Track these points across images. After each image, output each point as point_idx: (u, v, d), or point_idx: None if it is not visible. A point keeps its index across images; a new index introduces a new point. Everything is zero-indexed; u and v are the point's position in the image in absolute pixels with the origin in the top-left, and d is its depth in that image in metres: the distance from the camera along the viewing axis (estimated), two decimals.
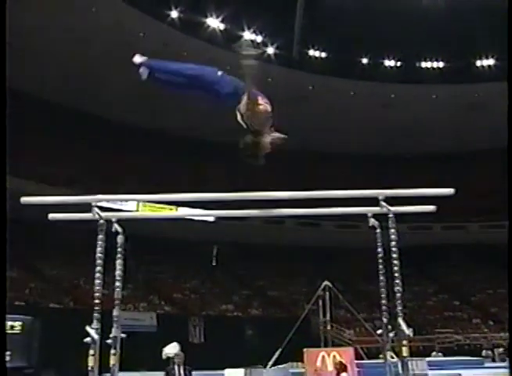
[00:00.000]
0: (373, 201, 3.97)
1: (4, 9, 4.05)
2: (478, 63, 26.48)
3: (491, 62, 26.31)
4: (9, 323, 14.36)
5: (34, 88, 23.02)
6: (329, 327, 15.60)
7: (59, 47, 21.92)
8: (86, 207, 3.96)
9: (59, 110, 23.90)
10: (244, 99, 3.42)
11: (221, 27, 23.60)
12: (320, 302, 14.90)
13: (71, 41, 21.62)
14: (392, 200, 3.92)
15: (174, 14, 22.55)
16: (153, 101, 25.01)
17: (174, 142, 26.66)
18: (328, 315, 15.02)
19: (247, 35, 24.20)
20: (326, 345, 14.37)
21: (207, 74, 3.68)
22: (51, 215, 4.12)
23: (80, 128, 24.12)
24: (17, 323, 14.55)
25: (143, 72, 3.87)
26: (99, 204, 3.92)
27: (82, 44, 21.91)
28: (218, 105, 3.64)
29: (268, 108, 3.47)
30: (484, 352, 18.77)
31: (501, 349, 18.98)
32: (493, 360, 17.97)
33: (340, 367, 9.64)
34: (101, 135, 24.67)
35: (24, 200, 3.83)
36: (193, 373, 8.58)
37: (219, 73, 3.67)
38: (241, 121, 3.51)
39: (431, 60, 27.00)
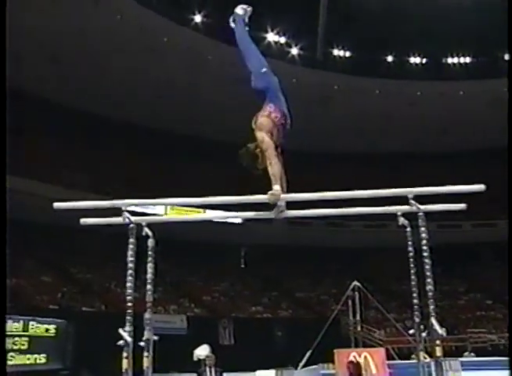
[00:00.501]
0: (401, 200, 3.94)
1: (4, 9, 4.10)
2: (506, 56, 26.00)
3: None
4: (44, 326, 14.65)
5: (59, 95, 23.47)
6: (359, 328, 15.49)
7: (80, 55, 22.25)
8: (112, 211, 4.03)
9: (82, 116, 24.25)
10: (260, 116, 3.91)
11: (245, 29, 23.68)
12: (350, 303, 14.79)
13: (94, 47, 21.94)
14: (420, 199, 3.88)
15: (197, 18, 22.72)
16: (183, 106, 25.30)
17: (200, 144, 26.82)
18: (358, 315, 14.92)
19: (271, 37, 24.21)
20: (356, 346, 14.27)
21: (253, 62, 4.21)
22: (82, 220, 4.20)
23: (103, 133, 24.47)
24: (52, 327, 14.84)
25: (232, 18, 4.57)
26: (128, 208, 3.98)
27: (107, 51, 22.22)
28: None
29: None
30: None
31: None
32: None
33: (355, 369, 8.20)
34: (125, 139, 24.99)
35: (57, 205, 3.90)
36: (224, 374, 8.63)
37: (263, 69, 4.12)
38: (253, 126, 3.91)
39: (457, 56, 26.62)
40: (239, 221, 23.23)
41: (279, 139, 3.91)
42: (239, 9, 4.51)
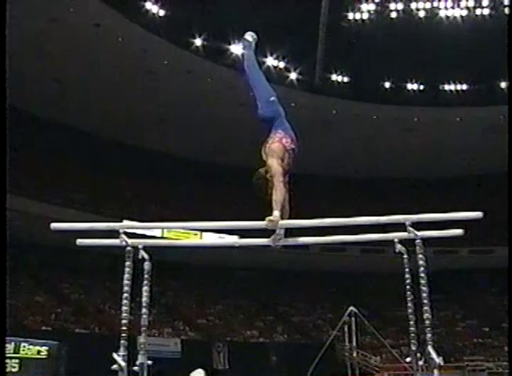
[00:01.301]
0: (398, 226, 3.95)
1: (4, 9, 4.12)
2: (503, 84, 26.29)
3: None
4: (36, 348, 14.46)
5: (58, 115, 23.62)
6: (355, 354, 15.33)
7: (83, 77, 22.43)
8: (109, 232, 4.01)
9: (80, 136, 24.37)
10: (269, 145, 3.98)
11: None
12: (346, 328, 14.67)
13: (97, 69, 22.12)
14: (418, 225, 3.89)
15: (198, 42, 22.95)
16: (179, 128, 25.45)
17: (199, 167, 26.90)
18: (354, 341, 14.78)
19: (270, 61, 24.46)
20: (352, 372, 14.11)
21: (260, 89, 4.25)
22: (79, 241, 4.18)
23: (103, 154, 24.55)
24: (44, 348, 14.65)
25: (242, 45, 4.77)
26: (126, 230, 3.96)
27: (107, 74, 22.41)
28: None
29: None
30: None
31: None
32: None
33: None
34: (123, 160, 25.07)
35: (54, 226, 3.89)
36: None
37: (272, 98, 4.17)
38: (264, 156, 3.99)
39: (455, 83, 26.88)
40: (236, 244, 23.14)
41: (289, 165, 3.97)
42: (249, 36, 4.54)
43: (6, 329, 3.59)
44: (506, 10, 23.31)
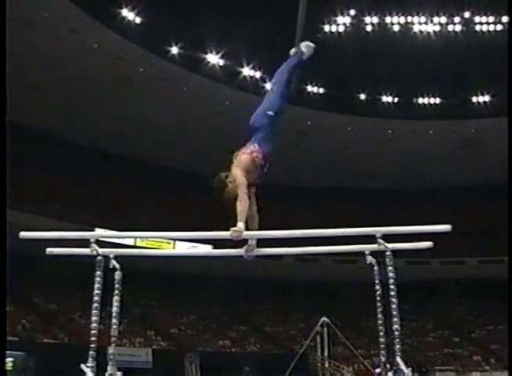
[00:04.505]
0: (370, 238, 3.98)
1: (4, 9, 4.08)
2: (474, 99, 26.83)
3: (486, 98, 26.65)
4: None
5: (31, 120, 23.27)
6: (327, 364, 15.37)
7: (57, 83, 22.19)
8: (81, 241, 3.96)
9: (53, 143, 24.06)
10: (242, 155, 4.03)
11: (221, 62, 23.96)
12: (318, 338, 14.70)
13: (71, 76, 21.90)
14: (390, 236, 3.92)
15: (174, 50, 22.91)
16: (154, 135, 25.32)
17: (173, 175, 26.77)
18: (326, 351, 14.81)
19: (246, 71, 24.54)
20: None
21: (271, 99, 4.40)
22: (49, 250, 4.11)
23: (76, 161, 24.26)
24: (8, 360, 14.30)
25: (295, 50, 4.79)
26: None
27: (82, 79, 22.20)
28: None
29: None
30: None
31: None
32: None
33: None
34: (97, 168, 24.82)
35: (23, 234, 3.82)
36: None
37: (270, 112, 4.24)
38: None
39: (428, 96, 27.34)
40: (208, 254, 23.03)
41: (255, 179, 3.98)
42: (306, 47, 4.72)
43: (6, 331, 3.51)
44: (477, 27, 23.84)
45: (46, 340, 18.22)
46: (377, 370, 4.13)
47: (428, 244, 4.00)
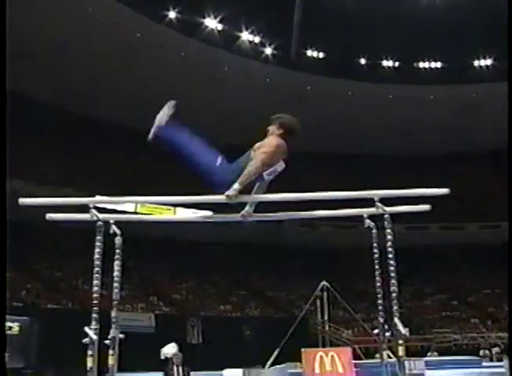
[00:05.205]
0: (369, 202, 3.99)
1: (4, 9, 4.05)
2: (476, 63, 26.55)
3: (489, 62, 26.39)
4: (7, 324, 14.34)
5: (32, 90, 23.05)
6: (327, 328, 15.61)
7: (54, 50, 21.90)
8: (85, 208, 3.97)
9: (55, 112, 23.89)
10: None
11: (219, 27, 23.61)
12: (318, 302, 14.90)
13: (68, 42, 21.60)
14: (390, 201, 3.93)
15: (171, 15, 22.56)
16: (156, 104, 25.10)
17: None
18: (326, 315, 15.04)
19: (245, 36, 24.22)
20: (324, 346, 14.39)
21: (205, 162, 3.64)
22: (48, 215, 4.12)
23: (78, 130, 24.14)
24: (15, 324, 14.53)
25: (152, 133, 3.92)
26: (97, 205, 3.93)
27: (78, 45, 21.90)
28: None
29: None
30: (481, 352, 18.82)
31: (497, 348, 19.04)
32: (491, 360, 18.01)
33: None
34: (99, 136, 24.70)
35: (22, 201, 3.82)
36: (192, 373, 8.60)
37: (218, 161, 3.63)
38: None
39: (429, 61, 27.05)
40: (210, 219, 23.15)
41: (271, 172, 3.69)
42: (160, 120, 4.05)
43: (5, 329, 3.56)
44: None
45: (50, 305, 18.49)
46: (375, 332, 4.20)
47: (426, 207, 3.99)
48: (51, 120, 23.42)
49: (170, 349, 10.12)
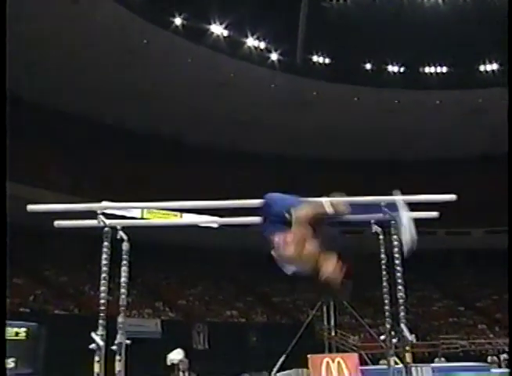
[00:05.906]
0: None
1: (4, 9, 4.06)
2: (482, 68, 26.49)
3: (495, 67, 26.32)
4: (15, 330, 14.37)
5: (36, 96, 23.15)
6: (333, 333, 15.55)
7: (61, 56, 22.01)
8: (91, 214, 3.99)
9: (61, 118, 23.97)
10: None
11: (225, 33, 23.69)
12: (325, 308, 14.86)
13: (74, 49, 21.72)
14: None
15: (177, 21, 22.65)
16: (157, 107, 25.19)
17: (180, 148, 26.73)
18: (332, 321, 14.98)
19: (251, 42, 24.27)
20: (330, 351, 14.32)
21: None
22: (56, 222, 4.15)
23: (83, 135, 24.21)
24: (22, 330, 14.56)
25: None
26: (105, 211, 3.95)
27: (86, 52, 22.02)
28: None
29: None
30: (489, 358, 18.68)
31: (505, 355, 18.90)
32: (499, 366, 17.87)
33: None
34: (103, 140, 24.77)
35: (30, 207, 3.86)
36: None
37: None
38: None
39: (435, 66, 27.01)
40: (215, 225, 23.14)
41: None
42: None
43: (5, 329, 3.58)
44: None
45: (57, 311, 18.53)
46: (382, 337, 4.19)
47: (434, 213, 4.00)
48: (56, 124, 23.45)
49: (176, 355, 10.13)
